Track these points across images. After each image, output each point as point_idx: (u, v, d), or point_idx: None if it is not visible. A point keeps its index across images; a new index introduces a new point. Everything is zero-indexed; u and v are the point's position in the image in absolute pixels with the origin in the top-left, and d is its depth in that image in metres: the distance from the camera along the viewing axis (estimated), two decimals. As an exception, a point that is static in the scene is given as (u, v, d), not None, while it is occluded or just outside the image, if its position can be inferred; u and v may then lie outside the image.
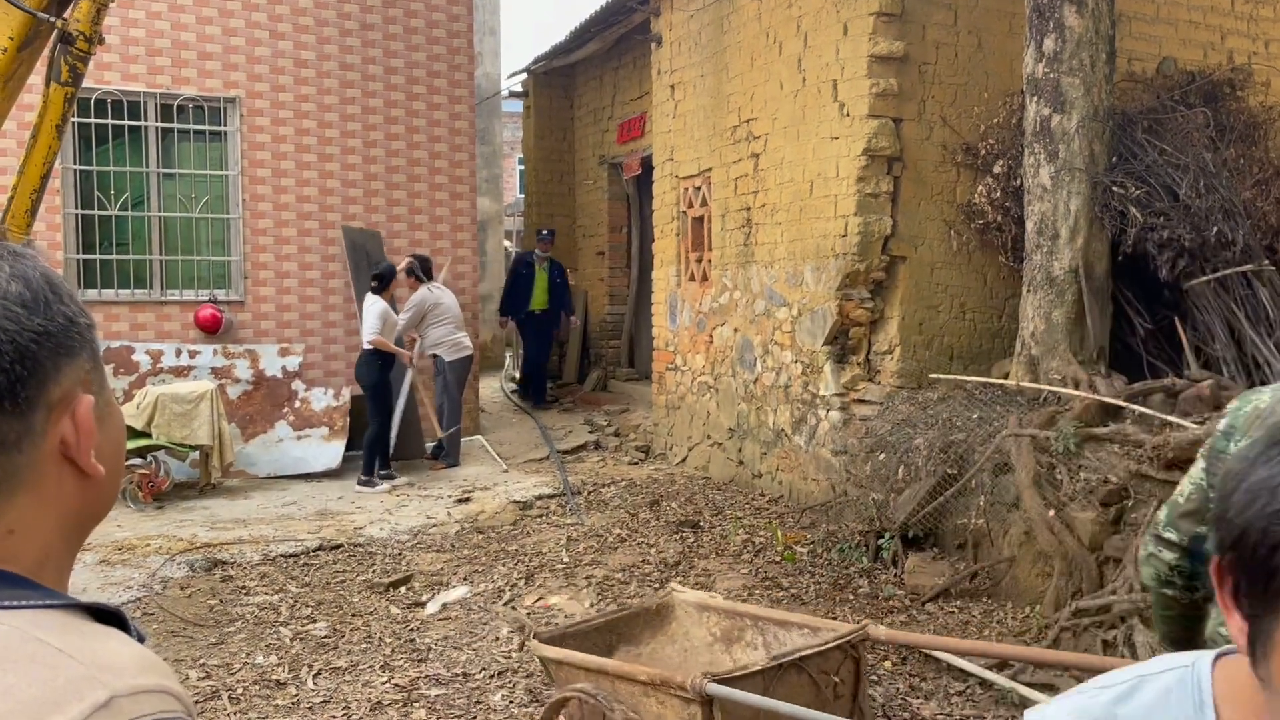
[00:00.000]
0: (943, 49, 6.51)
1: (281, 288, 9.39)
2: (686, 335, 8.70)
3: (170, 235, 9.21)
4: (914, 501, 5.48)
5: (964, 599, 5.08)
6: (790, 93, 7.07)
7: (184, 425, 7.82)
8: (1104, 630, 4.24)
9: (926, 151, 6.50)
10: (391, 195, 9.76)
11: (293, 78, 9.37)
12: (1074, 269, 5.71)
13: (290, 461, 8.74)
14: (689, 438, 8.64)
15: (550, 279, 11.27)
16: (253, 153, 9.27)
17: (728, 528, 6.49)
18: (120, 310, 8.93)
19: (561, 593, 5.41)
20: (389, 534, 6.73)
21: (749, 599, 5.21)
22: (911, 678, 4.21)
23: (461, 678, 4.30)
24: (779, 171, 7.22)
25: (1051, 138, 5.73)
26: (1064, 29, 5.66)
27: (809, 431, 6.98)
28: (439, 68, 9.89)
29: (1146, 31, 7.04)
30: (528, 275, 11.22)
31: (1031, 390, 5.61)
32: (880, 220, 6.43)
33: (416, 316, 8.74)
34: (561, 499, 7.49)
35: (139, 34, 8.90)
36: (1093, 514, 4.69)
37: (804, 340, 6.97)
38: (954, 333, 6.59)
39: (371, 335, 7.98)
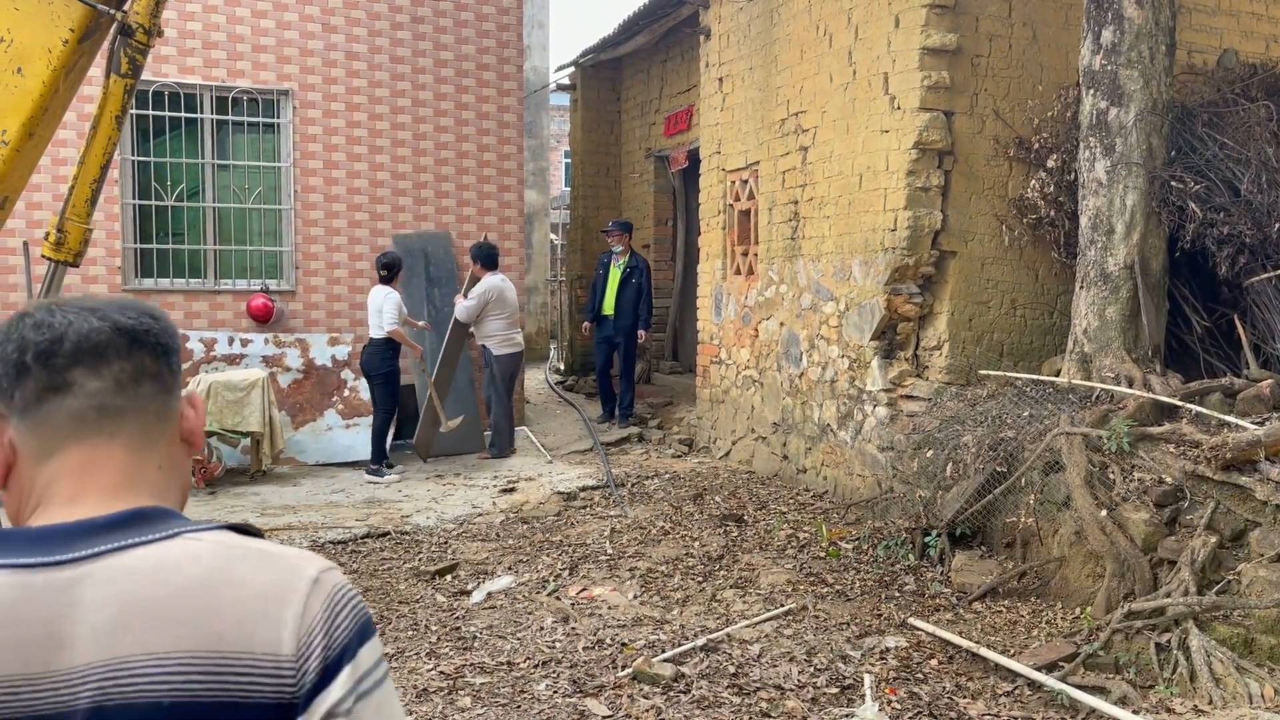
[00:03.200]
0: (996, 41, 6.41)
1: (331, 278, 9.51)
2: (731, 329, 8.68)
3: (224, 226, 9.37)
4: (962, 499, 5.42)
5: (1012, 599, 5.01)
6: (840, 85, 7.01)
7: (236, 412, 7.95)
8: (1157, 633, 4.16)
9: (978, 145, 6.41)
10: (440, 187, 9.84)
11: (344, 70, 9.47)
12: (1129, 265, 5.60)
13: (339, 449, 8.87)
14: (733, 431, 8.62)
15: (623, 279, 9.93)
16: (305, 145, 9.40)
17: (772, 522, 6.47)
18: (175, 299, 9.10)
19: (605, 584, 5.42)
20: (435, 523, 6.80)
21: (793, 594, 5.19)
22: (958, 676, 4.17)
23: (506, 666, 4.34)
24: (827, 165, 7.17)
25: (1108, 131, 5.62)
26: (1123, 20, 5.55)
27: (855, 427, 6.93)
28: (488, 61, 9.95)
29: (1207, 23, 6.89)
30: (602, 274, 10.16)
31: (1084, 388, 5.52)
32: (930, 214, 6.36)
33: (480, 305, 8.78)
34: (605, 491, 7.52)
35: (195, 27, 9.05)
36: (1146, 515, 4.61)
37: (851, 335, 6.92)
38: (1004, 329, 6.50)
39: (392, 326, 8.06)
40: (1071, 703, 3.83)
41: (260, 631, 0.94)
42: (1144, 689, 3.96)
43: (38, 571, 0.92)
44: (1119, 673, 4.09)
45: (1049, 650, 4.27)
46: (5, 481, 1.02)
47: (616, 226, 10.18)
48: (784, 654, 4.40)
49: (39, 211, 8.41)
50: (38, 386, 1.00)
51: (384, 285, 8.22)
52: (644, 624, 4.81)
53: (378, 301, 8.18)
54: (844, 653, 4.41)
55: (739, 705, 3.91)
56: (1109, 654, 4.18)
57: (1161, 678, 4.00)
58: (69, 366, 1.00)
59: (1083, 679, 3.99)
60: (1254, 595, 4.05)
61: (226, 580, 0.95)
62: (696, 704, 3.92)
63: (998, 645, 4.43)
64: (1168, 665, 4.03)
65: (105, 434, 1.00)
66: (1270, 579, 4.03)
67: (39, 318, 1.02)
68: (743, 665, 4.27)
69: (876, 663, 4.32)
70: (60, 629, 0.90)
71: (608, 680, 4.14)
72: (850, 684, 4.10)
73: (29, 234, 7.93)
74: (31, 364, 1.00)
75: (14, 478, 1.02)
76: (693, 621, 4.84)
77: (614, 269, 10.02)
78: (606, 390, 10.21)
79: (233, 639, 0.93)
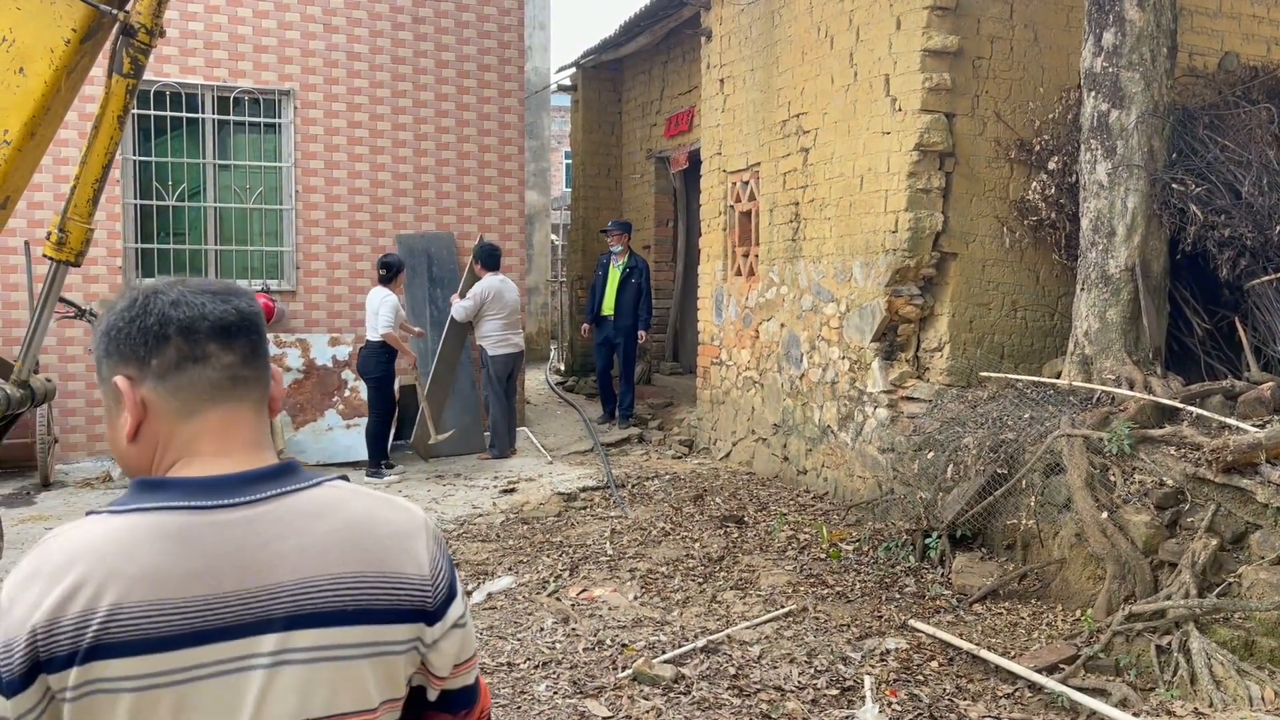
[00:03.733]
0: (998, 43, 6.42)
1: (332, 278, 9.51)
2: (732, 330, 8.68)
3: (225, 225, 9.37)
4: (962, 501, 5.42)
5: (1012, 600, 5.01)
6: (841, 87, 7.02)
7: (236, 412, 7.95)
8: (1158, 636, 4.16)
9: (979, 147, 6.41)
10: (441, 188, 9.84)
11: (346, 70, 9.48)
12: (1130, 267, 5.60)
13: (339, 449, 8.87)
14: (733, 433, 8.62)
15: (622, 279, 9.89)
16: (306, 145, 9.40)
17: (772, 524, 6.47)
18: (175, 299, 9.09)
19: (605, 585, 5.42)
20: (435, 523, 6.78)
21: (793, 595, 5.19)
22: (959, 678, 4.17)
23: (506, 667, 4.34)
24: (828, 166, 7.17)
25: (1109, 133, 5.62)
26: (1124, 22, 5.55)
27: (855, 428, 6.93)
28: (489, 61, 9.95)
29: (1208, 26, 6.89)
30: (602, 275, 10.11)
31: (1085, 390, 5.52)
32: (931, 216, 6.36)
33: (476, 306, 8.80)
34: (606, 492, 7.51)
35: (197, 27, 9.05)
36: (1147, 517, 4.61)
37: (851, 336, 6.92)
38: (1005, 331, 6.51)
39: (385, 329, 8.05)
40: (1072, 705, 3.83)
41: (406, 558, 1.22)
42: (1144, 691, 3.96)
43: (219, 512, 1.13)
44: (1119, 675, 4.09)
45: (1049, 652, 4.27)
46: (135, 435, 1.20)
47: (616, 226, 10.12)
48: (784, 655, 4.40)
49: (40, 211, 8.42)
50: (179, 356, 1.19)
51: (383, 286, 8.22)
52: (644, 625, 4.81)
53: (374, 303, 8.17)
54: (844, 654, 4.41)
55: (739, 707, 3.91)
56: (1109, 656, 4.18)
57: (1162, 680, 4.00)
58: (207, 341, 1.19)
59: (1083, 681, 3.99)
60: (1255, 598, 4.05)
61: (374, 519, 1.22)
62: (697, 705, 3.92)
63: (998, 647, 4.44)
64: (1168, 668, 4.03)
65: (238, 398, 1.21)
66: (1271, 581, 4.03)
67: (175, 296, 1.20)
68: (743, 667, 4.27)
69: (877, 664, 4.32)
70: (248, 557, 1.12)
71: (608, 681, 4.14)
72: (850, 686, 4.10)
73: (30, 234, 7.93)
74: (174, 336, 1.18)
75: (145, 432, 1.20)
76: (693, 623, 4.84)
77: (613, 269, 9.96)
78: (607, 391, 10.14)
79: (389, 562, 1.20)
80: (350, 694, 1.16)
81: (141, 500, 1.14)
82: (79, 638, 1.05)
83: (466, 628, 1.30)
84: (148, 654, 1.06)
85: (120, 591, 1.06)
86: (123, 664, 1.05)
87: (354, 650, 1.16)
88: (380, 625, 1.18)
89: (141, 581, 1.07)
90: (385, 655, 1.19)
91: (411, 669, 1.24)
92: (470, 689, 1.34)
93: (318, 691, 1.14)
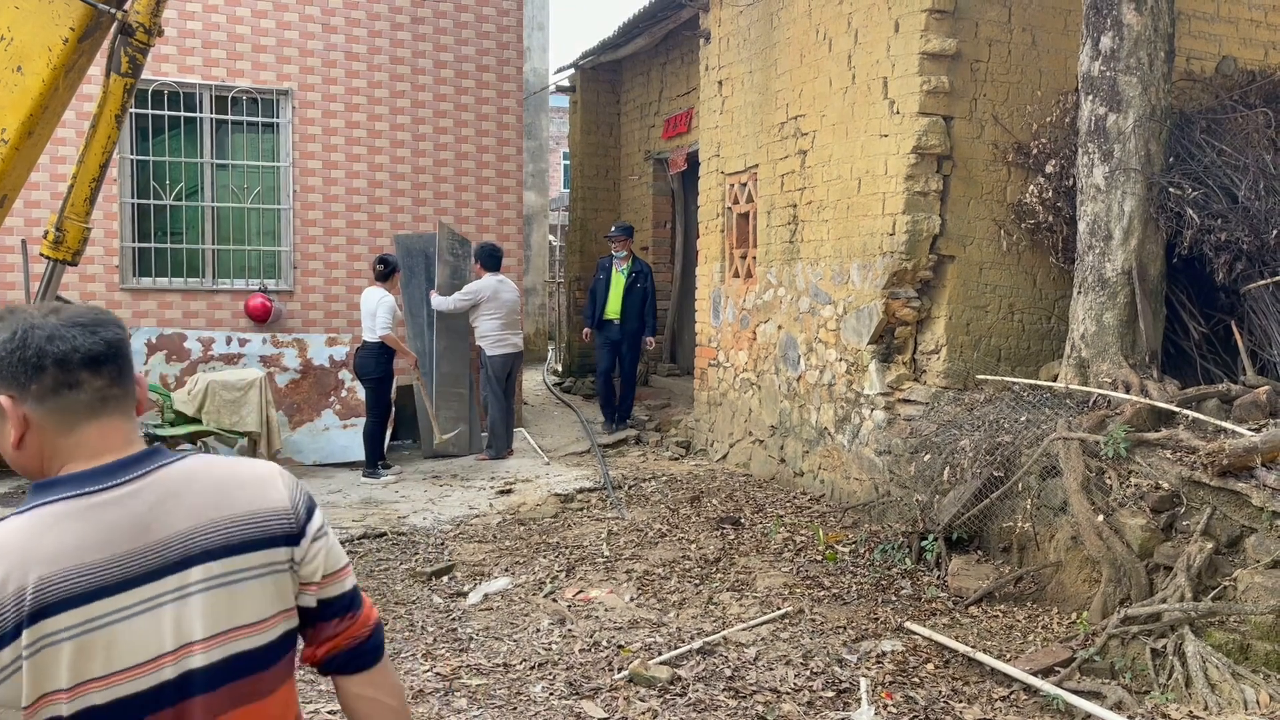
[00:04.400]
0: (996, 46, 6.42)
1: (330, 278, 9.51)
2: (729, 331, 8.68)
3: (222, 225, 9.37)
4: (959, 503, 5.43)
5: (1008, 603, 5.02)
6: (840, 89, 7.02)
7: (233, 412, 7.95)
8: (1153, 639, 4.17)
9: (977, 150, 6.42)
10: (439, 188, 9.84)
11: (344, 71, 9.48)
12: (1127, 271, 5.61)
13: (336, 450, 8.86)
14: (730, 434, 8.63)
15: (628, 284, 9.85)
16: (304, 144, 9.40)
17: (769, 525, 6.48)
18: (173, 298, 9.10)
19: (602, 586, 5.42)
20: (432, 524, 6.79)
21: (790, 597, 5.19)
22: (954, 681, 4.17)
23: (502, 668, 4.34)
24: (826, 168, 7.18)
25: (1106, 137, 5.63)
26: (1122, 26, 5.56)
27: (852, 430, 6.93)
28: (488, 62, 9.95)
29: (1206, 30, 6.90)
30: (604, 280, 9.99)
31: (1081, 393, 5.53)
32: (929, 219, 6.37)
33: (468, 303, 8.82)
34: (602, 493, 7.51)
35: (195, 27, 9.05)
36: (1143, 520, 4.61)
37: (849, 339, 6.93)
38: (1002, 333, 6.51)
39: (384, 331, 8.05)
40: (1067, 708, 3.84)
41: (268, 497, 1.50)
42: (1139, 694, 3.96)
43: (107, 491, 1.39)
44: (1115, 678, 4.10)
45: (1045, 655, 4.27)
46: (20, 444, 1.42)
47: (620, 231, 9.97)
48: (780, 657, 4.40)
49: (38, 210, 8.41)
50: (55, 383, 1.41)
51: (379, 287, 8.21)
52: (641, 626, 4.81)
53: (371, 304, 8.15)
54: (840, 656, 4.42)
55: (735, 708, 3.91)
56: (1105, 659, 4.18)
57: (1157, 683, 4.01)
58: (79, 370, 1.42)
59: (1078, 684, 4.00)
60: (1250, 601, 4.06)
61: (235, 474, 1.51)
62: (693, 707, 3.92)
63: (994, 650, 4.44)
64: (1163, 671, 4.04)
65: (109, 412, 1.45)
66: (1266, 585, 4.03)
67: (49, 330, 1.41)
68: (739, 668, 4.27)
69: (873, 666, 4.32)
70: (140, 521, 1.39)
71: (604, 682, 4.14)
72: (846, 687, 4.10)
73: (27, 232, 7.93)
74: (50, 366, 1.40)
75: (30, 442, 1.42)
76: (689, 624, 4.84)
77: (617, 274, 9.87)
78: (610, 396, 9.98)
79: (256, 503, 1.48)
80: (247, 609, 1.44)
81: (40, 498, 1.39)
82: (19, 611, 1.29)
83: (328, 538, 1.57)
84: (77, 608, 1.31)
85: (42, 568, 1.31)
86: (60, 619, 1.30)
87: (242, 575, 1.44)
88: (260, 551, 1.46)
89: (58, 556, 1.32)
90: (270, 575, 1.47)
91: (295, 585, 1.51)
92: (348, 595, 1.61)
93: (220, 611, 1.41)
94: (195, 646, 1.39)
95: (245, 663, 1.44)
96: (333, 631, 1.59)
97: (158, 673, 1.37)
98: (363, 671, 1.62)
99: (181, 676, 1.38)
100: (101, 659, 1.33)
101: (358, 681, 1.62)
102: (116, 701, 1.34)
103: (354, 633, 1.61)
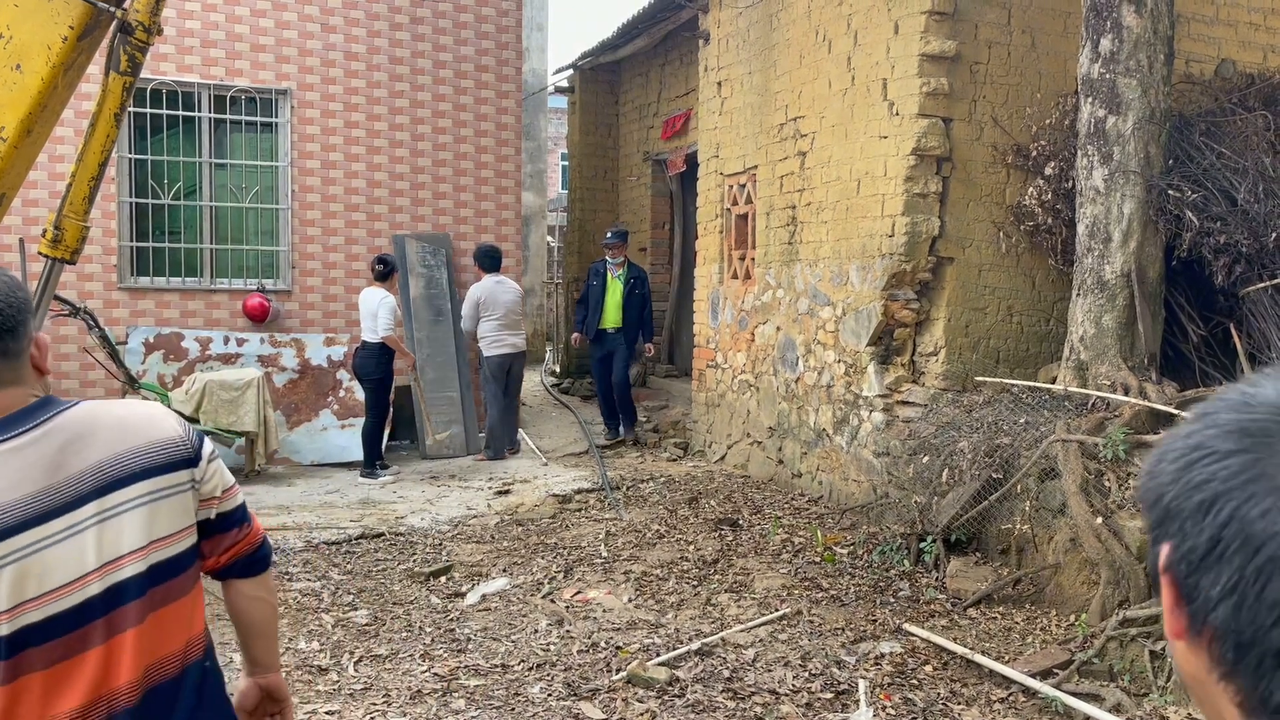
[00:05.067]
0: (995, 48, 6.43)
1: (328, 278, 9.50)
2: (728, 333, 8.68)
3: (221, 224, 9.36)
4: (957, 505, 5.42)
5: (1007, 605, 5.02)
6: (839, 91, 7.02)
7: (231, 412, 7.93)
8: (1151, 641, 4.17)
9: (976, 152, 6.42)
10: (438, 189, 9.83)
11: (343, 70, 9.47)
12: (1126, 273, 5.61)
13: (334, 450, 8.85)
14: (728, 435, 8.62)
15: (626, 290, 9.46)
16: (302, 144, 9.39)
17: (767, 527, 6.47)
18: (171, 298, 9.08)
19: (600, 587, 5.42)
20: (430, 524, 6.79)
21: (788, 599, 5.18)
22: (953, 683, 4.17)
23: (500, 669, 4.33)
24: (826, 170, 7.17)
25: (1106, 140, 5.64)
26: (1121, 29, 5.56)
27: (851, 432, 6.93)
28: (487, 62, 9.95)
29: (1205, 33, 6.91)
30: (599, 287, 9.52)
31: (1080, 395, 5.53)
32: (928, 220, 6.37)
33: (471, 311, 8.90)
34: (600, 493, 7.51)
35: (194, 26, 9.04)
36: (1141, 522, 4.61)
37: (848, 340, 6.92)
38: (1000, 335, 6.51)
39: (386, 332, 8.04)
40: (1066, 710, 3.83)
41: (163, 429, 1.69)
42: (1138, 696, 3.96)
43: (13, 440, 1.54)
44: (1113, 680, 4.09)
45: (1043, 657, 4.27)
46: None
47: (617, 237, 9.59)
48: (779, 659, 4.40)
49: (36, 209, 8.39)
50: None
51: (379, 287, 8.20)
52: (639, 627, 4.80)
53: (372, 305, 8.14)
54: (839, 658, 4.41)
55: (733, 710, 3.91)
56: (1103, 661, 4.18)
57: (1155, 685, 4.01)
58: None
59: (1077, 686, 4.00)
60: (1248, 604, 4.06)
61: (131, 411, 1.70)
62: (691, 708, 3.91)
63: (992, 652, 4.44)
64: (1162, 673, 4.04)
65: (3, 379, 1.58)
66: (1265, 588, 4.03)
67: None
68: (737, 670, 4.27)
69: (871, 668, 4.32)
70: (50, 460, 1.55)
71: (602, 684, 4.13)
72: (845, 689, 4.09)
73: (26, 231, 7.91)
74: None
75: None
76: (687, 625, 4.83)
77: (614, 280, 9.49)
78: (611, 407, 9.62)
79: (154, 434, 1.67)
80: (160, 525, 1.64)
81: None
82: None
83: (219, 460, 1.79)
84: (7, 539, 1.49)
85: None
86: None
87: (151, 496, 1.63)
88: (163, 475, 1.65)
89: None
90: (177, 494, 1.67)
91: (196, 502, 1.72)
92: (240, 509, 1.83)
93: (137, 529, 1.60)
94: (124, 560, 1.58)
95: (165, 570, 1.65)
96: (231, 541, 1.81)
97: (84, 589, 1.54)
98: (255, 576, 1.88)
99: (108, 590, 1.56)
100: (35, 582, 1.50)
101: (251, 584, 1.88)
102: (49, 619, 1.52)
103: (251, 539, 1.85)
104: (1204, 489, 0.69)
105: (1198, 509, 0.69)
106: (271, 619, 1.95)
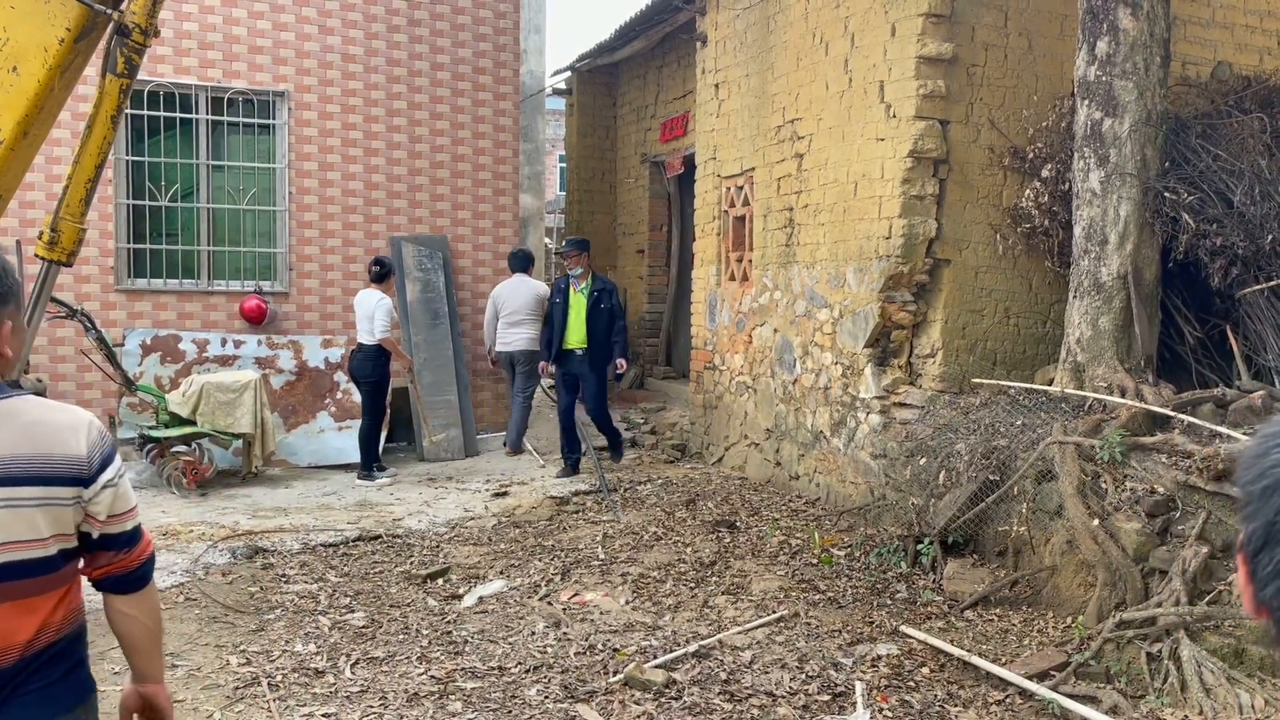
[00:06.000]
0: (992, 51, 6.43)
1: (325, 280, 9.49)
2: (725, 335, 8.68)
3: (218, 226, 9.35)
4: (954, 507, 5.43)
5: (1004, 607, 5.02)
6: (836, 93, 7.03)
7: (228, 414, 7.93)
8: (1148, 643, 4.17)
9: (973, 154, 6.43)
10: (435, 191, 9.83)
11: (340, 72, 9.47)
12: (1122, 275, 5.62)
13: (331, 452, 8.84)
14: (726, 437, 8.62)
15: (590, 305, 8.30)
16: (300, 146, 9.39)
17: (764, 528, 6.47)
18: (168, 299, 9.07)
19: (597, 589, 5.41)
20: (427, 526, 6.78)
21: (785, 601, 5.19)
22: (950, 685, 4.17)
23: (497, 671, 4.33)
24: (823, 172, 7.18)
25: (1102, 142, 5.64)
26: (1118, 31, 5.57)
27: (848, 434, 6.93)
28: (485, 64, 9.95)
29: (1202, 35, 6.92)
30: (562, 304, 8.37)
31: (1076, 397, 5.53)
32: (925, 222, 6.37)
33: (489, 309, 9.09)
34: (598, 496, 7.51)
35: (191, 28, 9.04)
36: (1138, 524, 4.62)
37: (845, 342, 6.93)
38: (997, 337, 6.52)
39: (383, 334, 8.03)
40: (1063, 712, 3.83)
41: (68, 443, 1.80)
42: (1135, 699, 3.97)
43: None
44: (1110, 682, 4.10)
45: (1040, 659, 4.27)
46: None
47: (573, 246, 8.52)
48: (776, 661, 4.40)
49: (33, 211, 8.38)
50: None
51: (375, 289, 8.19)
52: (636, 629, 4.80)
53: (369, 307, 8.12)
54: (836, 660, 4.41)
55: (730, 712, 3.91)
56: (1100, 663, 4.18)
57: (1152, 687, 4.01)
58: None
59: (1074, 688, 4.00)
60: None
61: (46, 418, 1.81)
62: (688, 710, 3.91)
63: (989, 654, 4.44)
64: (1159, 675, 4.04)
65: None
66: (1261, 590, 4.03)
67: None
68: (734, 672, 4.27)
69: (868, 670, 4.32)
70: None
71: (599, 686, 4.13)
72: (842, 691, 4.10)
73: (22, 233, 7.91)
74: None
75: None
76: (685, 627, 4.83)
77: (576, 295, 8.34)
78: (572, 437, 8.39)
79: (56, 446, 1.79)
80: (25, 529, 1.75)
81: None
82: None
83: (118, 488, 1.88)
84: None
85: None
86: None
87: (30, 502, 1.75)
88: (49, 487, 1.77)
89: None
90: (53, 506, 1.78)
91: (79, 518, 1.83)
92: (127, 534, 1.93)
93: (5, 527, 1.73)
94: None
95: (18, 569, 1.76)
96: (108, 561, 1.92)
97: None
98: (127, 594, 1.98)
99: None
100: None
101: (122, 600, 1.98)
102: None
103: (126, 563, 1.95)
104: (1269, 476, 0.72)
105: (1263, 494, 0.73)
106: (145, 636, 2.01)
